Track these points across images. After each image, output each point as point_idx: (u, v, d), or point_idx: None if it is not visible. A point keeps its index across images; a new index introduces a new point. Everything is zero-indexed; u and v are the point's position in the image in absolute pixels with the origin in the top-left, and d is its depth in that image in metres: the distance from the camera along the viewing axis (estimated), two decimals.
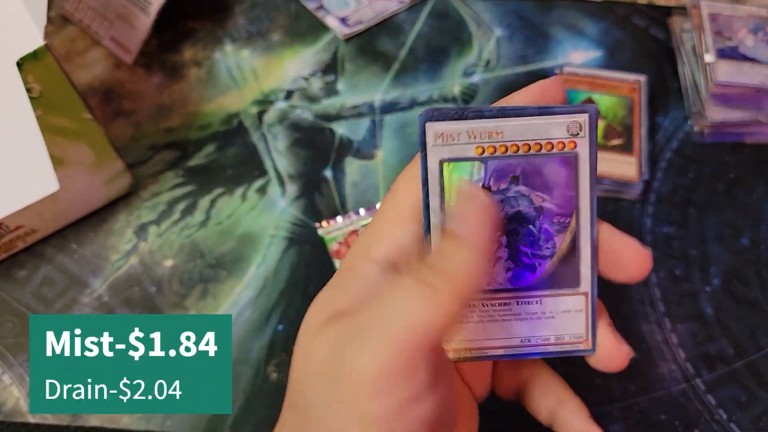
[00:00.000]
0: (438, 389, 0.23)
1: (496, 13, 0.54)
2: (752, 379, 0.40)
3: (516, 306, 0.27)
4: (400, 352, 0.22)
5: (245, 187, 0.47)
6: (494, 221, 0.24)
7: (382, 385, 0.22)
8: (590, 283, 0.27)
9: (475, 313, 0.27)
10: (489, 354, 0.27)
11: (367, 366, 0.23)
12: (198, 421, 0.39)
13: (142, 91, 0.50)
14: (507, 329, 0.27)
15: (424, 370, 0.23)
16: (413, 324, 0.23)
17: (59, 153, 0.40)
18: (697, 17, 0.50)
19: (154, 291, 0.43)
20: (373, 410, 0.22)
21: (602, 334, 0.27)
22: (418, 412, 0.23)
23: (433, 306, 0.23)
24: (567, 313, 0.27)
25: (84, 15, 0.52)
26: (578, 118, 0.25)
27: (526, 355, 0.27)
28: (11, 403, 0.40)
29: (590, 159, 0.25)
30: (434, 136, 0.25)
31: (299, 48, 0.53)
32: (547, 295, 0.27)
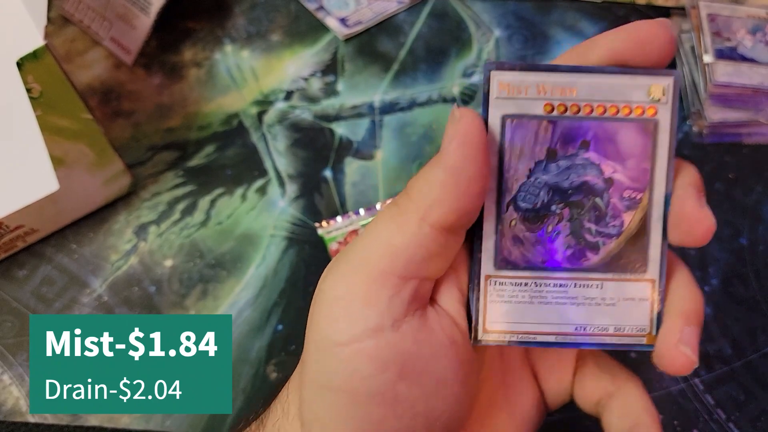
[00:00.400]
0: (406, 329, 0.22)
1: (496, 14, 0.54)
2: (751, 378, 0.40)
3: (573, 288, 0.24)
4: (361, 275, 0.22)
5: (245, 187, 0.47)
6: (476, 142, 0.22)
7: (341, 309, 0.22)
8: (659, 270, 0.24)
9: (526, 293, 0.24)
10: (538, 340, 0.24)
11: (331, 290, 0.23)
12: (197, 420, 0.39)
13: (141, 91, 0.50)
14: (560, 314, 0.24)
15: (386, 301, 0.22)
16: (375, 246, 0.22)
17: (59, 153, 0.40)
18: (696, 18, 0.50)
19: (154, 291, 0.43)
20: (327, 335, 0.22)
21: (667, 330, 0.23)
22: (374, 345, 0.22)
23: (396, 227, 0.22)
24: (630, 301, 0.24)
25: (84, 15, 0.52)
26: (662, 81, 0.23)
27: (579, 344, 0.24)
28: (11, 403, 0.40)
29: (671, 129, 0.23)
30: (499, 87, 0.23)
31: (299, 48, 0.53)
32: (609, 279, 0.24)
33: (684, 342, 0.23)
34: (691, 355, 0.23)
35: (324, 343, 0.22)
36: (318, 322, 0.23)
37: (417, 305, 0.23)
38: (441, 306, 0.24)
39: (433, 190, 0.22)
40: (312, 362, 0.23)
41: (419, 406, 0.22)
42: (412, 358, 0.22)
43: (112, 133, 0.48)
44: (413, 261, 0.22)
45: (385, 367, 0.22)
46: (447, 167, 0.21)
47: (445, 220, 0.22)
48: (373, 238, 0.23)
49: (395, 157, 0.48)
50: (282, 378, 0.40)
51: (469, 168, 0.22)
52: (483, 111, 0.23)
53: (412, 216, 0.22)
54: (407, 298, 0.22)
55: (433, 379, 0.23)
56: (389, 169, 0.47)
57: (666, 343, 0.23)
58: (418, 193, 0.22)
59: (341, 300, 0.22)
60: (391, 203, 0.23)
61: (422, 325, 0.23)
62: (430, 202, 0.22)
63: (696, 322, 0.23)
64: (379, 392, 0.22)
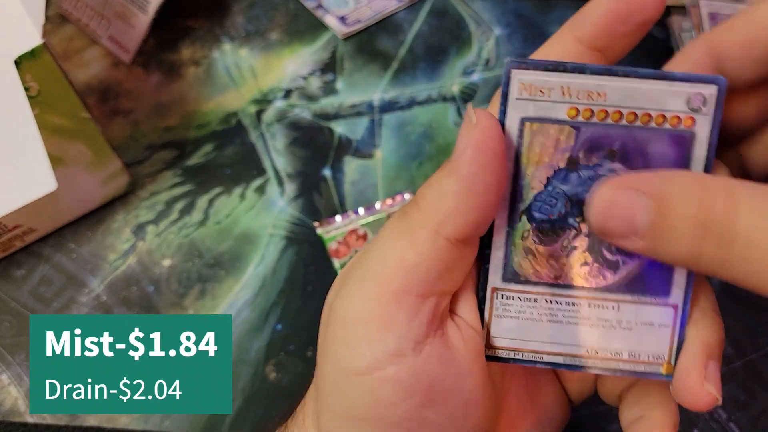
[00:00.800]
0: (428, 352, 0.21)
1: (496, 12, 0.54)
2: (751, 378, 0.40)
3: (586, 308, 0.22)
4: (377, 296, 0.21)
5: (244, 187, 0.47)
6: (493, 150, 0.20)
7: (358, 335, 0.21)
8: (683, 294, 0.22)
9: (535, 309, 0.23)
10: (545, 360, 0.23)
11: (345, 313, 0.21)
12: (196, 421, 0.39)
13: (140, 90, 0.50)
14: (571, 334, 0.23)
15: (406, 323, 0.21)
16: (388, 264, 0.21)
17: (57, 152, 0.40)
18: (697, 16, 0.50)
19: (153, 291, 0.43)
20: (345, 363, 0.21)
21: (686, 362, 0.22)
22: (397, 372, 0.20)
23: (408, 242, 0.21)
24: (649, 326, 0.22)
25: (82, 14, 0.52)
26: (703, 89, 0.21)
27: (589, 369, 0.23)
28: (9, 403, 0.39)
29: (709, 143, 0.21)
30: (520, 87, 0.21)
31: (298, 47, 0.52)
32: (627, 301, 0.22)
33: (709, 379, 0.21)
34: (716, 394, 0.21)
35: (342, 371, 0.21)
36: (334, 349, 0.22)
37: (438, 323, 0.22)
38: (461, 317, 0.23)
39: (446, 201, 0.20)
40: (330, 391, 0.22)
41: (448, 429, 0.22)
42: (438, 381, 0.21)
43: (110, 132, 0.48)
44: (430, 277, 0.21)
45: (410, 394, 0.21)
46: (462, 177, 0.20)
47: (460, 232, 0.21)
48: (385, 255, 0.21)
49: (395, 156, 0.48)
50: (281, 378, 0.40)
51: (485, 178, 0.20)
52: (501, 112, 0.22)
53: (425, 229, 0.21)
54: (427, 318, 0.21)
55: (462, 398, 0.22)
56: (388, 168, 0.47)
57: (690, 378, 0.22)
58: (431, 204, 0.21)
59: (357, 324, 0.21)
60: (399, 215, 0.22)
61: (445, 344, 0.22)
62: (444, 214, 0.21)
63: (718, 356, 0.22)
64: (406, 419, 0.21)
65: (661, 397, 0.24)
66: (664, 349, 0.22)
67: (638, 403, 0.24)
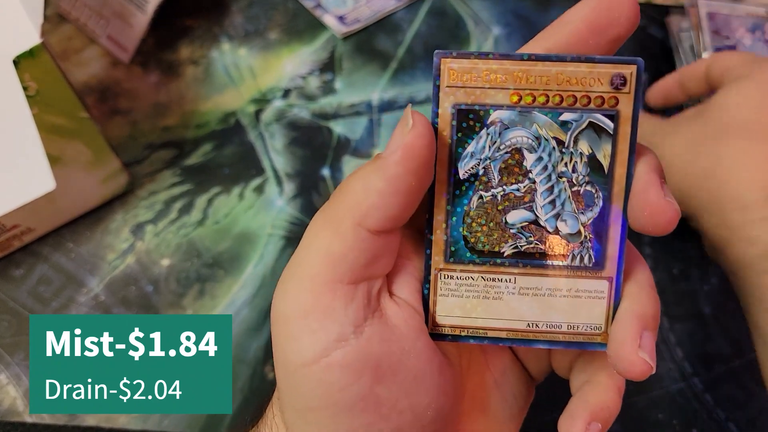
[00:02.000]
0: (370, 333, 0.22)
1: (494, 12, 0.54)
2: (750, 378, 0.40)
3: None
4: (309, 289, 0.22)
5: (242, 186, 0.46)
6: (422, 156, 0.21)
7: (299, 328, 0.22)
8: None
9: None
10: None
11: (283, 309, 0.22)
12: (195, 421, 0.39)
13: (138, 89, 0.50)
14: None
15: (342, 309, 0.22)
16: (316, 257, 0.22)
17: (56, 152, 0.40)
18: (695, 16, 0.50)
19: (151, 290, 0.43)
20: (292, 357, 0.22)
21: (620, 330, 0.23)
22: (342, 356, 0.21)
23: (333, 234, 0.22)
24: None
25: (81, 13, 0.52)
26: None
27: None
28: (8, 403, 0.39)
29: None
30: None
31: (297, 46, 0.52)
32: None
33: (643, 347, 0.22)
34: (650, 362, 0.22)
35: (291, 365, 0.22)
36: (280, 345, 0.22)
37: (374, 306, 0.23)
38: (399, 297, 0.24)
39: (370, 196, 0.21)
40: (285, 387, 0.23)
41: (402, 403, 0.22)
42: (384, 358, 0.22)
43: (109, 131, 0.48)
44: (357, 265, 0.22)
45: (359, 374, 0.22)
46: (388, 176, 0.21)
47: (381, 225, 0.22)
48: (312, 248, 0.22)
49: None
50: None
51: (410, 181, 0.21)
52: (434, 100, 0.23)
53: (348, 221, 0.22)
54: (363, 302, 0.22)
55: (410, 373, 0.23)
56: None
57: (624, 346, 0.22)
58: (354, 197, 0.22)
59: (296, 318, 0.22)
60: (325, 206, 0.23)
61: (384, 323, 0.23)
62: (366, 208, 0.21)
63: (653, 327, 0.23)
64: (360, 400, 0.22)
65: (605, 362, 0.25)
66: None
67: (584, 370, 0.25)
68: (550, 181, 0.23)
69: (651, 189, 0.22)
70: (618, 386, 0.24)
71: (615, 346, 0.23)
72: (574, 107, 0.22)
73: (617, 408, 0.24)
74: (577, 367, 0.26)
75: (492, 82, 0.22)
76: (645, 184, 0.22)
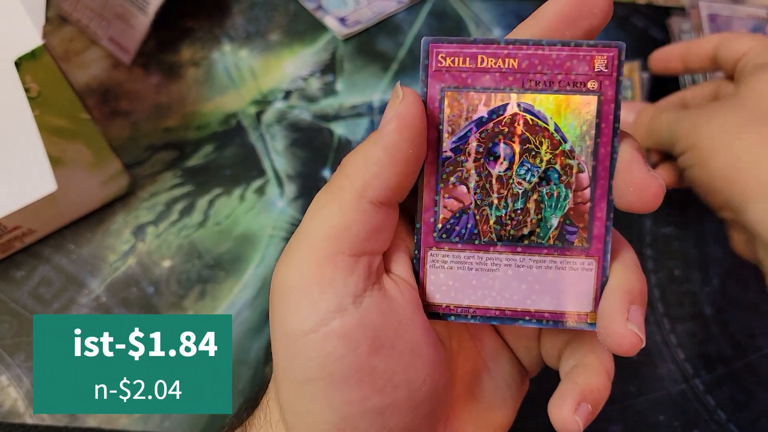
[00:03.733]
0: (369, 304, 0.22)
1: (495, 14, 0.54)
2: (751, 379, 0.40)
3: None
4: (312, 260, 0.22)
5: (243, 188, 0.47)
6: (414, 124, 0.22)
7: (300, 298, 0.22)
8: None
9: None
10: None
11: (285, 281, 0.23)
12: (196, 422, 0.39)
13: (140, 91, 0.50)
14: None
15: (342, 280, 0.22)
16: (319, 229, 0.22)
17: (57, 153, 0.40)
18: (696, 18, 0.50)
19: (152, 291, 0.43)
20: (294, 325, 0.22)
21: (608, 306, 0.23)
22: (340, 325, 0.22)
23: (336, 207, 0.22)
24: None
25: (82, 15, 0.52)
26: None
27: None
28: (9, 404, 0.39)
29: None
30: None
31: (298, 48, 0.53)
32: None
33: (632, 320, 0.22)
34: (639, 334, 0.22)
35: (291, 335, 0.22)
36: (280, 316, 0.23)
37: (373, 279, 0.23)
38: (396, 274, 0.24)
39: (370, 167, 0.22)
40: (283, 359, 0.23)
41: (398, 377, 0.23)
42: (381, 330, 0.22)
43: (110, 132, 0.48)
44: (359, 237, 0.22)
45: (356, 344, 0.22)
46: (385, 145, 0.22)
47: (383, 195, 0.22)
48: (315, 221, 0.23)
49: None
50: None
51: (406, 148, 0.22)
52: (422, 83, 0.24)
53: (350, 193, 0.22)
54: (363, 274, 0.23)
55: (406, 346, 0.23)
56: None
57: (613, 320, 0.23)
58: (355, 170, 0.23)
59: (298, 289, 0.22)
60: (327, 184, 0.24)
61: (383, 296, 0.23)
62: (368, 179, 0.22)
63: (641, 302, 0.23)
64: (356, 370, 0.22)
65: (593, 346, 0.25)
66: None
67: (572, 356, 0.25)
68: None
69: (635, 166, 0.23)
70: (607, 369, 0.25)
71: (604, 322, 0.23)
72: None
73: (607, 390, 0.24)
74: (565, 353, 0.26)
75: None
76: (629, 163, 0.23)
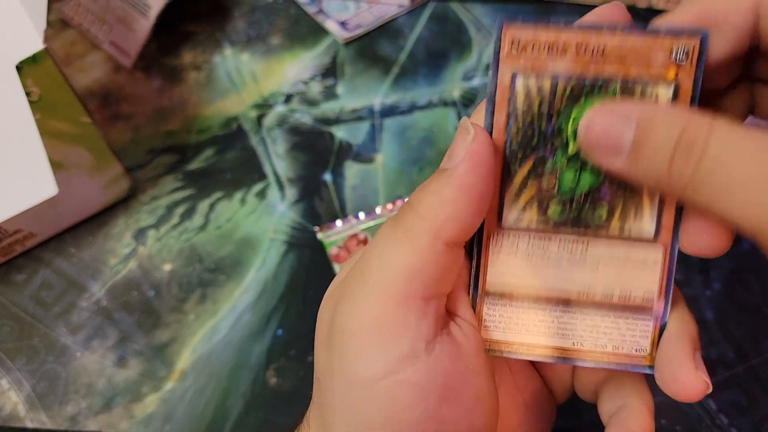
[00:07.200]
0: (439, 350, 0.22)
1: (496, 17, 0.54)
2: (753, 383, 0.40)
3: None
4: (384, 302, 0.21)
5: (244, 191, 0.47)
6: (487, 163, 0.22)
7: (367, 342, 0.21)
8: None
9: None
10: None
11: (352, 323, 0.22)
12: (196, 426, 0.39)
13: (141, 94, 0.50)
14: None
15: (415, 325, 0.21)
16: (392, 270, 0.22)
17: (58, 157, 0.40)
18: None
19: (153, 295, 0.43)
20: (360, 371, 0.21)
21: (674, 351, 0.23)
22: (413, 373, 0.21)
23: (409, 247, 0.22)
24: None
25: (83, 19, 0.52)
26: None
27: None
28: (9, 408, 0.39)
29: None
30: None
31: (299, 51, 0.53)
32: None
33: (699, 367, 0.22)
34: (708, 381, 0.22)
35: (357, 381, 0.21)
36: (345, 361, 0.22)
37: (442, 323, 0.22)
38: (459, 316, 0.24)
39: (446, 208, 0.21)
40: (342, 404, 0.22)
41: (462, 425, 0.22)
42: (451, 377, 0.22)
43: (112, 136, 0.48)
44: (432, 280, 0.22)
45: (427, 393, 0.21)
46: (460, 186, 0.21)
47: (457, 236, 0.22)
48: (387, 261, 0.22)
49: (395, 161, 0.48)
50: (281, 383, 0.40)
51: (481, 187, 0.22)
52: (493, 68, 0.22)
53: (426, 235, 0.22)
54: (434, 318, 0.22)
55: (473, 392, 0.22)
56: (389, 173, 0.47)
57: (682, 367, 0.22)
58: (430, 211, 0.22)
59: (367, 333, 0.21)
60: (394, 222, 0.23)
61: (452, 341, 0.22)
62: (443, 220, 0.21)
63: (699, 349, 0.23)
64: (424, 420, 0.21)
65: (636, 386, 0.25)
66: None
67: (616, 394, 0.25)
68: None
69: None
70: (650, 409, 0.24)
71: (670, 367, 0.23)
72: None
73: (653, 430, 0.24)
74: (605, 392, 0.26)
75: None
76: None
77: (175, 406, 0.40)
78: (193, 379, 0.40)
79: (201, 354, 0.41)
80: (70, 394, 0.40)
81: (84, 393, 0.40)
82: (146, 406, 0.40)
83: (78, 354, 0.41)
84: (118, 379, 0.40)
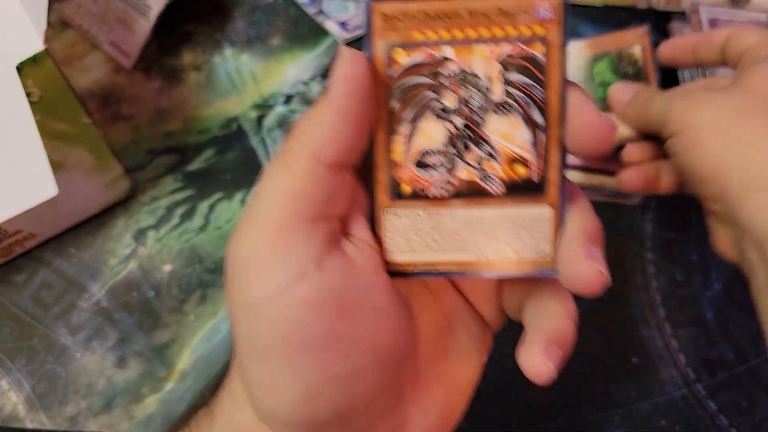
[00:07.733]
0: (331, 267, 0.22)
1: None
2: (753, 384, 0.40)
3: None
4: (269, 228, 0.22)
5: (244, 192, 0.47)
6: (363, 85, 0.22)
7: (259, 265, 0.22)
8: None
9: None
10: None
11: (242, 250, 0.22)
12: None
13: (141, 95, 0.50)
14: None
15: (302, 245, 0.21)
16: (274, 196, 0.22)
17: (58, 157, 0.40)
18: (697, 22, 0.50)
19: (153, 296, 0.43)
20: (252, 295, 0.21)
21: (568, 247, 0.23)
22: (303, 291, 0.21)
23: (289, 172, 0.22)
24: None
25: (83, 19, 0.52)
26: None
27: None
28: (9, 408, 0.39)
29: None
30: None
31: (299, 52, 0.53)
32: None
33: (593, 258, 0.22)
34: (603, 270, 0.22)
35: (251, 305, 0.22)
36: (239, 287, 0.22)
37: (334, 242, 0.23)
38: (356, 236, 0.24)
39: (323, 130, 0.22)
40: (243, 331, 0.22)
41: (364, 341, 0.22)
42: (345, 292, 0.22)
43: (112, 137, 0.48)
44: (315, 202, 0.22)
45: (321, 309, 0.21)
46: (336, 108, 0.22)
47: (337, 158, 0.22)
48: (269, 188, 0.22)
49: None
50: None
51: (357, 109, 0.22)
52: (367, 43, 0.23)
53: (303, 158, 0.22)
54: (323, 237, 0.22)
55: (371, 309, 0.22)
56: None
57: (575, 260, 0.22)
58: (308, 135, 0.22)
59: (256, 257, 0.22)
60: (279, 151, 0.23)
61: (345, 258, 0.23)
62: (321, 142, 0.22)
63: (599, 242, 0.23)
64: (321, 337, 0.21)
65: (555, 293, 0.24)
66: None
67: (535, 304, 0.25)
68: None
69: (586, 108, 0.23)
70: (571, 313, 0.24)
71: (566, 264, 0.23)
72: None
73: (573, 335, 0.24)
74: (527, 304, 0.25)
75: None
76: (579, 105, 0.23)
77: (175, 407, 0.40)
78: (193, 379, 0.40)
79: (201, 354, 0.41)
80: (70, 395, 0.40)
81: (84, 393, 0.40)
82: (146, 406, 0.40)
83: (78, 354, 0.41)
84: (117, 379, 0.40)
